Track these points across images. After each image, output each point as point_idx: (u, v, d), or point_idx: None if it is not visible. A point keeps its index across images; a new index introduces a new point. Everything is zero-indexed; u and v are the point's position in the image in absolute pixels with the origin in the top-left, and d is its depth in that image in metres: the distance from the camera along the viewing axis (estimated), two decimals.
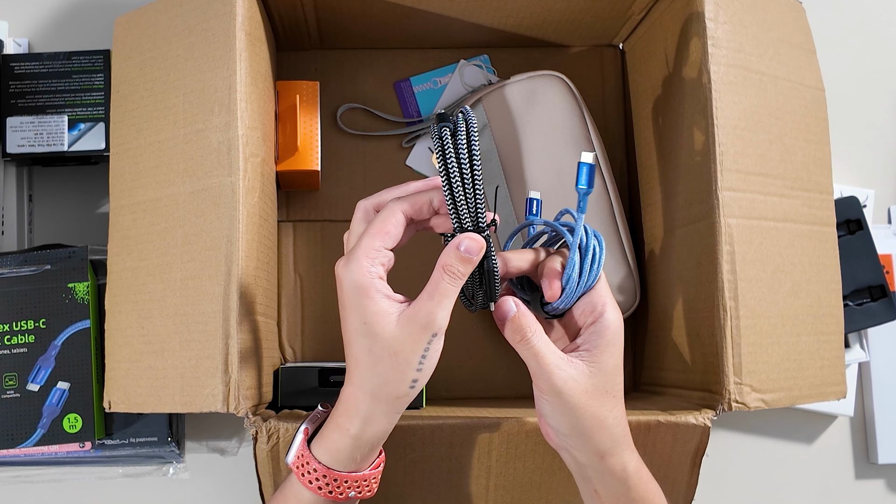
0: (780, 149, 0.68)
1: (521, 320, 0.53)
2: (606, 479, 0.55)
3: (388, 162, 0.84)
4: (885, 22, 0.93)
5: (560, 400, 0.53)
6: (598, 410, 0.53)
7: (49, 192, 0.84)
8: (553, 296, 0.55)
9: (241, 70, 0.64)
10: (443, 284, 0.50)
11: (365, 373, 0.51)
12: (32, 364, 0.71)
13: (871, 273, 0.81)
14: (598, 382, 0.53)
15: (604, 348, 0.54)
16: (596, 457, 0.55)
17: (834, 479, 0.86)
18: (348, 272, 0.50)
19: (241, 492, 0.81)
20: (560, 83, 0.81)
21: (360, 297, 0.50)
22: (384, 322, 0.50)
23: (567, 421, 0.53)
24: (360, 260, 0.50)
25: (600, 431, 0.54)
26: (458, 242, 0.50)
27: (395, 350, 0.50)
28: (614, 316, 0.54)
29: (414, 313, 0.50)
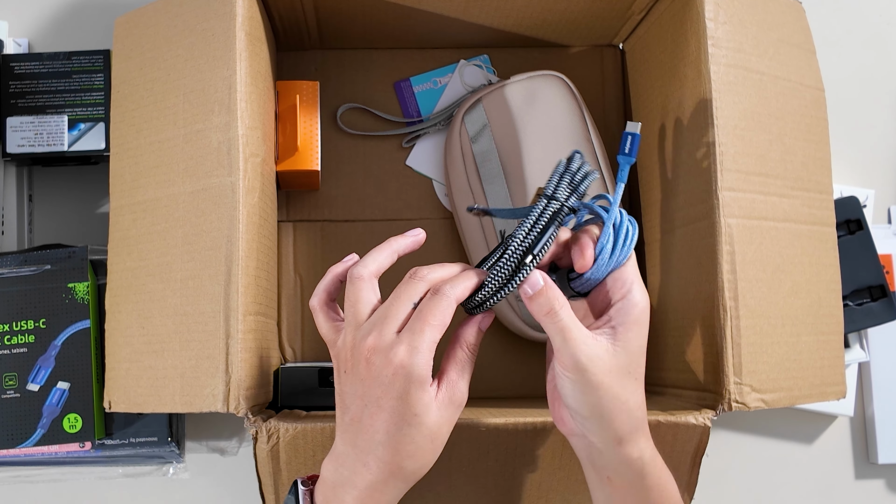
0: (780, 149, 0.68)
1: (549, 292, 0.52)
2: (622, 466, 0.54)
3: (388, 162, 0.84)
4: (886, 22, 0.93)
5: (583, 377, 0.51)
6: (621, 391, 0.52)
7: (49, 192, 0.84)
8: (585, 265, 0.53)
9: (241, 70, 0.64)
10: (468, 362, 0.53)
11: (403, 460, 0.51)
12: (32, 364, 0.71)
13: (871, 273, 0.81)
14: (622, 362, 0.52)
15: (630, 327, 0.53)
16: (613, 442, 0.53)
17: (834, 479, 0.86)
18: (412, 364, 0.49)
19: (241, 492, 0.81)
20: (560, 83, 0.81)
21: (415, 388, 0.50)
22: (431, 410, 0.50)
23: (588, 401, 0.52)
24: (426, 355, 0.50)
25: (621, 414, 0.52)
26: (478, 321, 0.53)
27: (434, 435, 0.51)
28: (642, 296, 0.54)
29: (451, 396, 0.52)
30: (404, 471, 0.51)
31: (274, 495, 0.63)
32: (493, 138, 0.80)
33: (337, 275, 0.56)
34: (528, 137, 0.79)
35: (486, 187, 0.79)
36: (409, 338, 0.49)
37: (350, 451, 0.52)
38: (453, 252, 0.82)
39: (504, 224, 0.78)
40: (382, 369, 0.50)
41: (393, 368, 0.49)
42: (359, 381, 0.51)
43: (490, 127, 0.80)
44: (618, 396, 0.52)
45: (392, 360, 0.49)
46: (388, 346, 0.50)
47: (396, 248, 0.55)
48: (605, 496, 0.56)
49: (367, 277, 0.53)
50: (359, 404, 0.51)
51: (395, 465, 0.51)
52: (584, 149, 0.79)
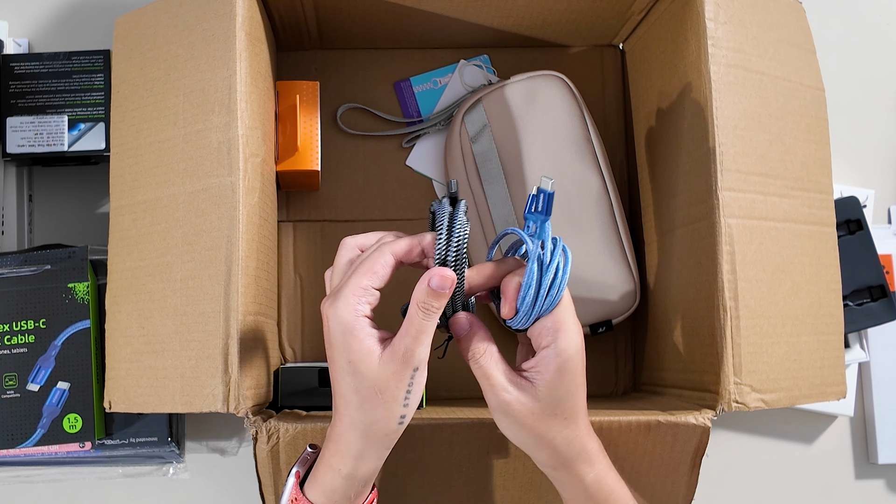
0: (780, 149, 0.68)
1: (472, 340, 0.54)
2: (562, 486, 0.58)
3: (388, 162, 0.84)
4: (886, 22, 0.93)
5: (506, 418, 0.54)
6: (545, 432, 0.54)
7: (49, 192, 0.84)
8: (505, 315, 0.54)
9: (241, 70, 0.64)
10: (417, 320, 0.51)
11: (354, 412, 0.52)
12: (32, 364, 0.71)
13: (871, 273, 0.81)
14: (546, 405, 0.53)
15: (554, 373, 0.53)
16: (548, 467, 0.57)
17: (834, 479, 0.86)
18: (335, 311, 0.51)
19: (241, 492, 0.81)
20: (560, 83, 0.81)
21: (345, 337, 0.51)
22: (368, 360, 0.51)
23: (514, 437, 0.55)
24: (347, 298, 0.51)
25: (546, 451, 0.55)
26: (429, 278, 0.51)
27: (379, 388, 0.51)
28: (568, 341, 0.53)
29: (394, 351, 0.51)
30: (357, 422, 0.52)
31: (274, 495, 0.63)
32: (493, 138, 0.79)
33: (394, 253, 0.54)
34: (528, 137, 0.79)
35: (486, 187, 0.79)
36: (336, 289, 0.52)
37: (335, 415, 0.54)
38: None
39: (505, 226, 0.79)
40: (325, 325, 0.52)
41: (324, 319, 0.52)
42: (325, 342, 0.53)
43: (490, 127, 0.80)
44: (542, 436, 0.54)
45: (323, 311, 0.52)
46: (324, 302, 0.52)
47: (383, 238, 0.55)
48: None
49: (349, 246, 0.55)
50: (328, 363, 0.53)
51: (349, 417, 0.52)
52: (584, 149, 0.79)
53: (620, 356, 0.83)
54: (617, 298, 0.77)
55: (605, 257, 0.78)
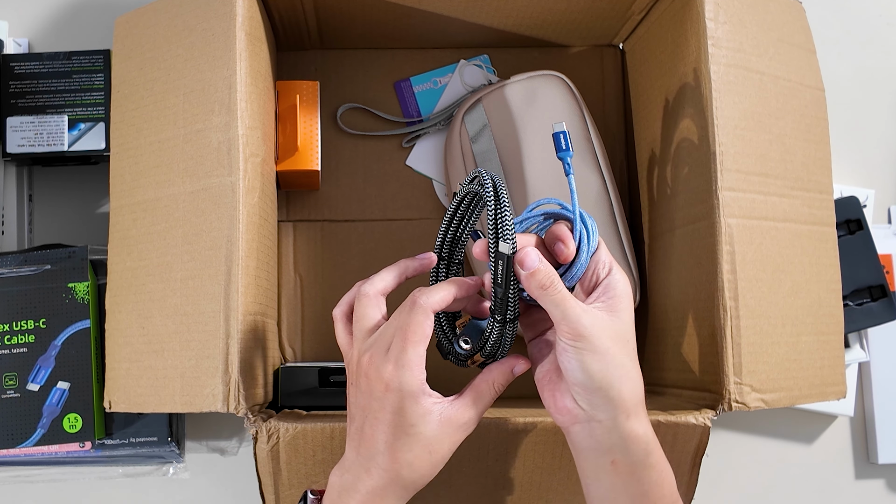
0: (780, 149, 0.68)
1: (546, 269, 0.53)
2: (630, 444, 0.54)
3: (388, 162, 0.84)
4: (885, 22, 0.93)
5: (588, 343, 0.52)
6: (624, 359, 0.53)
7: (49, 192, 0.84)
8: (571, 253, 0.55)
9: (241, 70, 0.64)
10: (487, 396, 0.55)
11: (401, 469, 0.53)
12: (32, 364, 0.71)
13: (871, 273, 0.81)
14: (620, 329, 0.53)
15: (620, 298, 0.54)
16: (622, 415, 0.53)
17: (834, 479, 0.86)
18: (401, 379, 0.52)
19: (241, 492, 0.81)
20: (560, 83, 0.81)
21: (408, 401, 0.52)
22: (428, 421, 0.53)
23: (596, 369, 0.52)
24: (414, 369, 0.52)
25: (627, 382, 0.53)
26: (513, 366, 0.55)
27: (432, 448, 0.53)
28: (622, 274, 0.56)
29: (457, 417, 0.53)
30: (403, 479, 0.53)
31: (274, 495, 0.64)
32: (494, 138, 0.79)
33: None
34: (528, 137, 0.79)
35: None
36: (396, 354, 0.52)
37: (355, 458, 0.54)
38: None
39: None
40: (376, 385, 0.52)
41: (384, 385, 0.52)
42: (361, 394, 0.54)
43: (490, 127, 0.80)
44: (622, 363, 0.53)
45: (382, 377, 0.52)
46: (379, 364, 0.52)
47: (404, 270, 0.58)
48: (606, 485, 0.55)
49: (373, 295, 0.56)
50: (361, 415, 0.54)
51: (393, 473, 0.53)
52: (584, 148, 0.79)
53: None
54: None
55: None
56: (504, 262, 0.53)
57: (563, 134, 0.57)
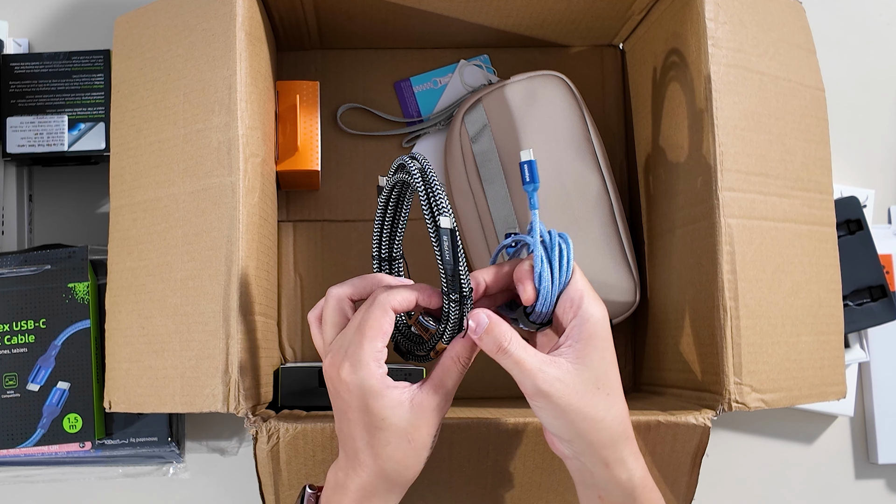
0: (780, 149, 0.68)
1: (495, 330, 0.52)
2: (612, 488, 0.54)
3: (388, 162, 0.84)
4: (885, 22, 0.93)
5: (549, 402, 0.51)
6: (591, 410, 0.52)
7: (49, 192, 0.84)
8: (529, 298, 0.53)
9: (241, 70, 0.64)
10: (455, 372, 0.54)
11: (384, 463, 0.52)
12: (32, 364, 0.71)
13: (871, 273, 0.81)
14: (586, 379, 0.52)
15: (586, 342, 0.52)
16: (601, 464, 0.53)
17: (834, 479, 0.86)
18: (358, 378, 0.51)
19: (241, 492, 0.81)
20: (560, 83, 0.81)
21: (371, 398, 0.51)
22: (399, 412, 0.52)
23: (563, 425, 0.52)
24: (369, 365, 0.51)
25: (598, 433, 0.52)
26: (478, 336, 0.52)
27: (411, 436, 0.52)
28: (594, 307, 0.53)
29: (428, 400, 0.52)
30: (388, 472, 0.53)
31: (274, 495, 0.64)
32: (494, 138, 0.79)
33: None
34: (529, 137, 0.79)
35: (486, 187, 0.79)
36: (351, 354, 0.51)
37: (344, 458, 0.54)
38: None
39: (505, 227, 0.79)
40: (338, 386, 0.52)
41: (344, 385, 0.52)
42: (332, 396, 0.54)
43: (490, 127, 0.80)
44: (589, 416, 0.52)
45: (342, 378, 0.51)
46: (338, 365, 0.52)
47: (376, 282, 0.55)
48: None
49: (336, 297, 0.54)
50: (339, 417, 0.54)
51: (377, 468, 0.53)
52: (584, 148, 0.79)
53: (620, 356, 0.83)
54: (617, 298, 0.77)
55: (605, 257, 0.78)
56: (448, 237, 0.50)
57: (529, 164, 0.54)
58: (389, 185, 0.54)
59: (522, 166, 0.54)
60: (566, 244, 0.54)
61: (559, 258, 0.53)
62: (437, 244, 0.51)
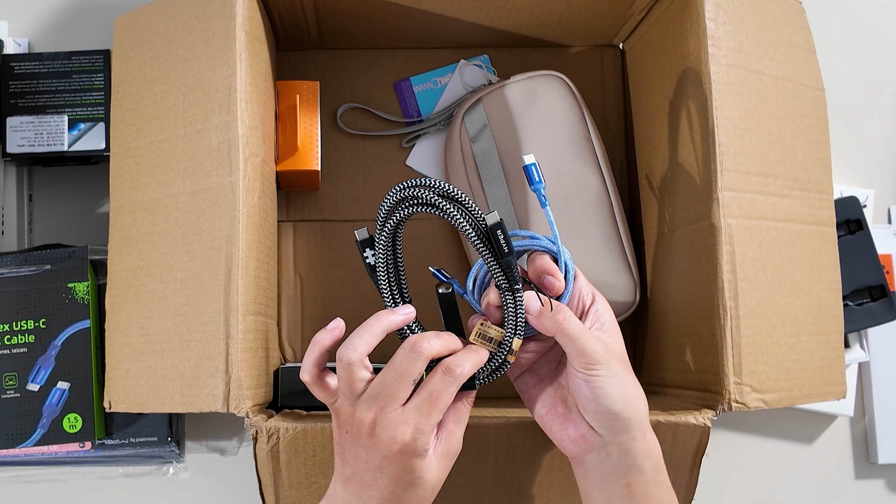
0: (780, 149, 0.68)
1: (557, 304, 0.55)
2: (646, 462, 0.55)
3: (388, 162, 0.84)
4: (885, 22, 0.93)
5: (606, 369, 0.53)
6: (632, 377, 0.56)
7: (49, 192, 0.84)
8: (561, 287, 0.57)
9: (241, 70, 0.64)
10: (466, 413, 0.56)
11: None
12: (32, 364, 0.71)
13: (871, 273, 0.81)
14: (621, 352, 0.57)
15: (609, 324, 0.57)
16: (640, 434, 0.55)
17: (834, 479, 0.86)
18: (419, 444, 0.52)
19: (241, 492, 0.81)
20: (560, 83, 0.81)
21: (417, 461, 0.52)
22: (432, 468, 0.53)
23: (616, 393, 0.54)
24: (430, 435, 0.52)
25: (638, 400, 0.55)
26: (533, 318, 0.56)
27: (435, 486, 0.54)
28: (604, 300, 0.59)
29: (449, 448, 0.54)
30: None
31: (274, 495, 0.63)
32: (494, 138, 0.79)
33: (325, 347, 0.56)
34: (528, 137, 0.79)
35: (486, 187, 0.79)
36: (417, 419, 0.51)
37: (353, 500, 0.54)
38: (453, 252, 0.82)
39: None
40: (388, 446, 0.51)
41: (399, 446, 0.51)
42: (360, 446, 0.53)
43: (490, 127, 0.80)
44: (634, 383, 0.56)
45: (397, 439, 0.51)
46: (393, 425, 0.51)
47: (386, 328, 0.55)
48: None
49: (358, 360, 0.54)
50: (361, 465, 0.53)
51: None
52: (584, 148, 0.79)
53: None
54: (617, 298, 0.77)
55: (605, 257, 0.78)
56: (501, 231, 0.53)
57: (533, 166, 0.58)
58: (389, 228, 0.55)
59: (527, 169, 0.58)
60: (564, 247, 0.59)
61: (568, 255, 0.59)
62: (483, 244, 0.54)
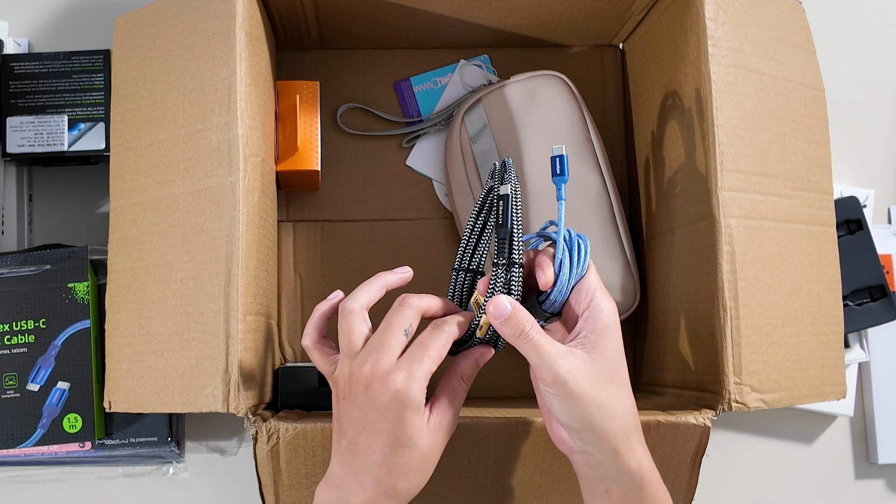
0: (780, 149, 0.68)
1: (518, 315, 0.53)
2: (622, 478, 0.55)
3: (388, 162, 0.84)
4: (885, 22, 0.93)
5: (565, 390, 0.52)
6: (605, 399, 0.53)
7: (49, 192, 0.84)
8: (548, 281, 0.56)
9: (241, 70, 0.64)
10: (461, 392, 0.56)
11: (397, 480, 0.53)
12: (32, 364, 0.71)
13: (871, 273, 0.81)
14: (601, 370, 0.53)
15: (600, 333, 0.54)
16: (611, 453, 0.54)
17: (834, 479, 0.86)
18: (411, 390, 0.52)
19: (241, 492, 0.81)
20: (560, 83, 0.81)
21: (409, 412, 0.52)
22: (423, 433, 0.53)
23: (575, 413, 0.53)
24: (423, 382, 0.52)
25: (610, 421, 0.53)
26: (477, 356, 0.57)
27: (425, 456, 0.54)
28: (606, 302, 0.55)
29: (442, 421, 0.54)
30: (398, 490, 0.53)
31: (274, 495, 0.64)
32: (494, 138, 0.79)
33: (324, 312, 0.58)
34: (528, 137, 0.79)
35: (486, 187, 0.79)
36: (409, 365, 0.52)
37: (346, 474, 0.54)
38: (453, 252, 0.82)
39: None
40: (381, 395, 0.52)
41: (391, 393, 0.52)
42: (357, 406, 0.53)
43: (490, 127, 0.80)
44: (603, 404, 0.53)
45: (390, 386, 0.52)
46: (386, 373, 0.52)
47: (385, 283, 0.58)
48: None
49: (358, 310, 0.55)
50: (356, 428, 0.53)
51: (389, 485, 0.53)
52: (584, 148, 0.79)
53: None
54: (617, 298, 0.77)
55: (605, 257, 0.78)
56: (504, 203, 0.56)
57: (560, 158, 0.57)
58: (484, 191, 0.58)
59: (554, 160, 0.57)
60: (584, 242, 0.57)
61: (577, 251, 0.57)
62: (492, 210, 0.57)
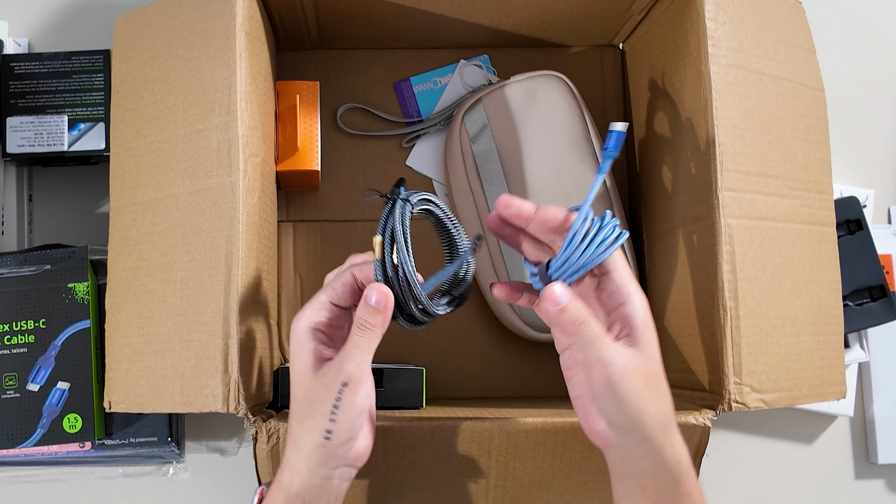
0: (780, 149, 0.68)
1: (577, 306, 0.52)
2: (661, 473, 0.53)
3: (388, 162, 0.84)
4: (885, 22, 0.93)
5: (621, 387, 0.51)
6: (655, 395, 0.52)
7: (49, 192, 0.84)
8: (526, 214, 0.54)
9: (241, 70, 0.64)
10: (355, 337, 0.53)
11: (292, 420, 0.54)
12: (32, 364, 0.71)
13: (871, 273, 0.81)
14: (651, 366, 0.53)
15: (644, 328, 0.53)
16: (655, 449, 0.53)
17: (834, 479, 0.86)
18: (294, 322, 0.54)
19: (241, 492, 0.81)
20: (560, 83, 0.81)
21: (296, 347, 0.54)
22: (308, 370, 0.53)
23: (627, 410, 0.52)
24: (306, 310, 0.54)
25: (656, 415, 0.52)
26: (368, 296, 0.53)
27: (312, 398, 0.53)
28: (642, 297, 0.54)
29: (328, 365, 0.53)
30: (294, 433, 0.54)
31: None
32: (493, 138, 0.80)
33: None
34: (528, 137, 0.79)
35: (486, 187, 0.79)
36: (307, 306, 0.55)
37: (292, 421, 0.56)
38: None
39: None
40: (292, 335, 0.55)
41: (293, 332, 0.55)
42: None
43: (490, 127, 0.80)
44: (652, 400, 0.52)
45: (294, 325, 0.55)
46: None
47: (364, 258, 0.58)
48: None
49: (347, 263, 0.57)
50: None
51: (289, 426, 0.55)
52: (584, 149, 0.79)
53: None
54: None
55: None
56: None
57: (618, 134, 0.54)
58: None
59: (610, 134, 0.54)
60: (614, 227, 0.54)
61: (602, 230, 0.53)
62: None
